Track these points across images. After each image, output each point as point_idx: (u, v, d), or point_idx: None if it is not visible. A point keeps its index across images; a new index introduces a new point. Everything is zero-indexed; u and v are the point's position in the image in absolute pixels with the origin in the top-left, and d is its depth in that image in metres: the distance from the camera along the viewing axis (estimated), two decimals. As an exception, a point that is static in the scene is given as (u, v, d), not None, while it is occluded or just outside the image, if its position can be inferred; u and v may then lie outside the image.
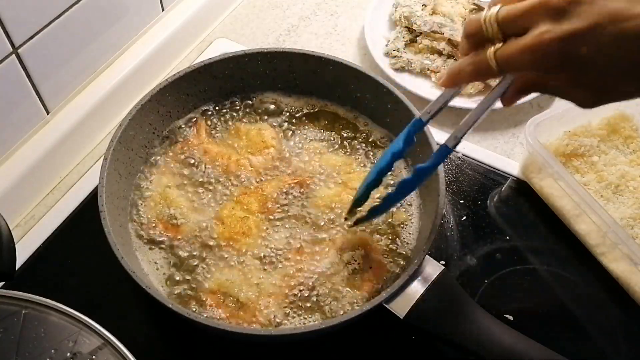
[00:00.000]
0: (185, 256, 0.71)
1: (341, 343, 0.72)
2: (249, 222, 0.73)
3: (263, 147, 0.80)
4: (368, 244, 0.72)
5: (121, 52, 0.93)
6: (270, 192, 0.75)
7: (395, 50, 1.01)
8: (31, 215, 0.84)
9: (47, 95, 0.83)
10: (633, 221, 0.80)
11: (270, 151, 0.80)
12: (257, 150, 0.79)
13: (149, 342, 0.73)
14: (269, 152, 0.79)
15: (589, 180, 0.84)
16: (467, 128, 0.58)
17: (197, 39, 1.07)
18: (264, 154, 0.79)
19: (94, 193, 0.79)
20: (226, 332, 0.61)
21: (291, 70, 0.83)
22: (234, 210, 0.74)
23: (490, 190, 0.88)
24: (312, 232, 0.73)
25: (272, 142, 0.80)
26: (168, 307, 0.61)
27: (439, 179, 0.70)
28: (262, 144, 0.80)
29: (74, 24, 0.81)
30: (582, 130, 0.88)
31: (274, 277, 0.69)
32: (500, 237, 0.83)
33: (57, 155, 0.85)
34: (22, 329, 0.53)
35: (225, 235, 0.72)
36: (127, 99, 0.92)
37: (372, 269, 0.70)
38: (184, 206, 0.74)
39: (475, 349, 0.63)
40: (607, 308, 0.78)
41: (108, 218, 0.66)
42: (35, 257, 0.78)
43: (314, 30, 1.10)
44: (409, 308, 0.64)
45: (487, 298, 0.76)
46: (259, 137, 0.81)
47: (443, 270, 0.67)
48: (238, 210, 0.74)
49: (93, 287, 0.76)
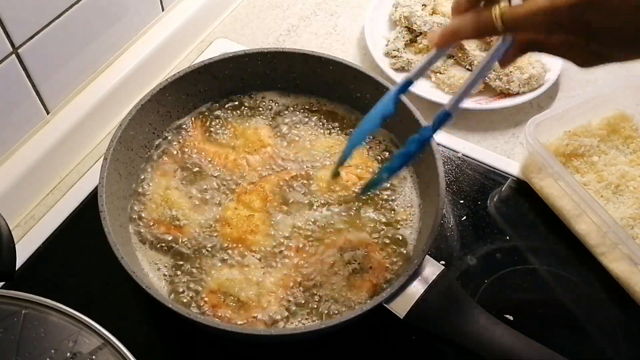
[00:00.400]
0: (185, 256, 0.71)
1: (341, 343, 0.72)
2: (254, 219, 0.73)
3: (260, 146, 0.80)
4: (368, 244, 0.72)
5: (121, 52, 0.93)
6: (270, 188, 0.75)
7: (395, 50, 1.01)
8: (31, 215, 0.84)
9: (47, 95, 0.83)
10: (633, 221, 0.80)
11: (267, 150, 0.80)
12: (254, 149, 0.80)
13: (149, 342, 0.73)
14: (266, 151, 0.80)
15: (589, 180, 0.84)
16: (465, 93, 0.58)
17: (197, 39, 1.07)
18: (261, 152, 0.79)
19: (94, 193, 0.79)
20: (226, 332, 0.61)
21: (291, 70, 0.83)
22: (238, 210, 0.74)
23: (490, 190, 0.88)
24: (318, 218, 0.74)
25: (268, 141, 0.80)
26: (168, 307, 0.61)
27: (439, 179, 0.70)
28: (258, 143, 0.80)
29: (74, 24, 0.81)
30: (582, 130, 0.88)
31: (274, 276, 0.69)
32: (500, 237, 0.83)
33: (57, 155, 0.85)
34: (22, 329, 0.53)
35: (233, 235, 0.72)
36: (127, 99, 0.92)
37: (372, 269, 0.70)
38: (185, 207, 0.74)
39: (475, 349, 0.63)
40: (607, 308, 0.78)
41: (108, 218, 0.66)
42: (35, 257, 0.78)
43: (314, 30, 1.10)
44: (409, 308, 0.64)
45: (487, 298, 0.76)
46: (255, 136, 0.81)
47: (443, 270, 0.67)
48: (242, 209, 0.74)
49: (93, 287, 0.76)
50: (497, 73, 0.96)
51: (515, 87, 0.95)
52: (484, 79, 0.57)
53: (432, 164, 0.72)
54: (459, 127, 0.96)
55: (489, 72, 0.57)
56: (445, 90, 0.97)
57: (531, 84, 0.96)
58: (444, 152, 0.91)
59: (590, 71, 1.05)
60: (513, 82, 0.95)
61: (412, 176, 0.79)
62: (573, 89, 1.03)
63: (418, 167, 0.78)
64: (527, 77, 0.95)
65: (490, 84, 0.96)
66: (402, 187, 0.78)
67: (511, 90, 0.96)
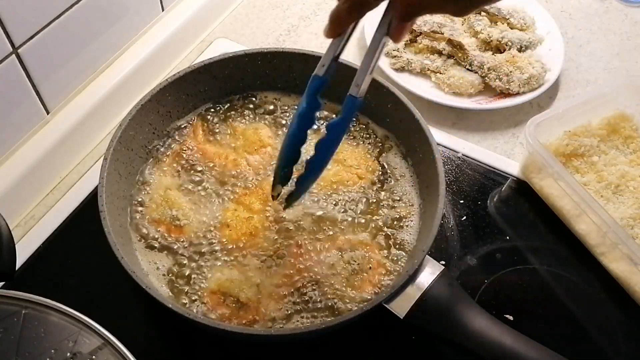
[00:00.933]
0: (185, 256, 0.71)
1: (341, 343, 0.72)
2: (254, 221, 0.73)
3: (260, 147, 0.80)
4: (368, 244, 0.72)
5: (121, 52, 0.93)
6: (270, 189, 0.75)
7: (395, 50, 1.01)
8: (31, 215, 0.84)
9: (47, 95, 0.83)
10: (633, 221, 0.80)
11: (267, 150, 0.80)
12: (253, 149, 0.80)
13: (149, 342, 0.73)
14: (266, 151, 0.79)
15: (589, 180, 0.84)
16: (365, 74, 0.58)
17: (197, 39, 1.07)
18: (261, 153, 0.79)
19: (94, 193, 0.79)
20: (226, 332, 0.61)
21: (291, 70, 0.83)
22: (237, 212, 0.74)
23: (490, 190, 0.88)
24: (318, 218, 0.74)
25: (268, 141, 0.80)
26: (168, 307, 0.61)
27: (439, 179, 0.70)
28: (258, 143, 0.80)
29: (74, 24, 0.81)
30: (582, 130, 0.88)
31: (274, 277, 0.69)
32: (500, 237, 0.83)
33: (57, 155, 0.85)
34: (22, 329, 0.53)
35: (232, 237, 0.72)
36: (127, 99, 0.92)
37: (372, 269, 0.70)
38: (185, 207, 0.74)
39: (475, 349, 0.63)
40: (607, 308, 0.78)
41: (108, 218, 0.66)
42: (35, 257, 0.78)
43: (314, 30, 1.10)
44: (409, 308, 0.64)
45: (487, 298, 0.76)
46: (255, 136, 0.81)
47: (443, 270, 0.67)
48: (241, 211, 0.74)
49: (93, 287, 0.76)
50: (497, 73, 0.96)
51: (515, 87, 0.95)
52: (379, 56, 0.58)
53: (432, 164, 0.72)
54: (459, 127, 0.96)
55: (383, 49, 0.58)
56: (445, 91, 0.97)
57: (531, 84, 0.96)
58: (444, 152, 0.91)
59: (590, 71, 1.06)
60: (513, 82, 0.95)
61: (412, 176, 0.79)
62: (573, 89, 1.03)
63: (418, 167, 0.78)
64: (527, 77, 0.95)
65: (490, 84, 0.97)
66: (402, 187, 0.78)
67: (511, 90, 0.96)
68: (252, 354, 0.72)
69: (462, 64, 0.99)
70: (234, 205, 0.75)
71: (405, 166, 0.80)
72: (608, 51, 1.10)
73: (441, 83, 0.98)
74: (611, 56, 1.09)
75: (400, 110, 0.78)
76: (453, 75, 0.97)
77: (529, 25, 1.04)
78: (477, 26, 1.02)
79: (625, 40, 1.12)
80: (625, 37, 1.13)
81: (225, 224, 0.73)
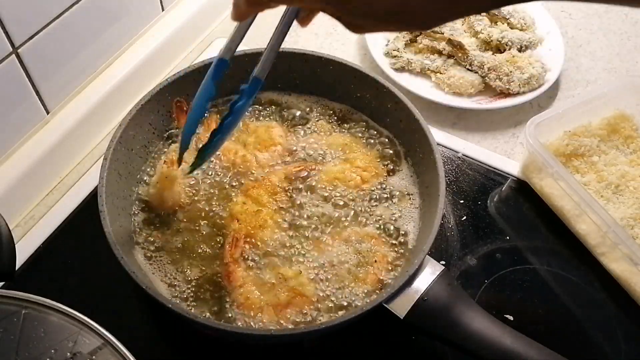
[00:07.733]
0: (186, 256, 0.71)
1: (341, 343, 0.72)
2: (262, 214, 0.73)
3: (270, 145, 0.80)
4: (374, 237, 0.72)
5: (121, 52, 0.93)
6: (277, 181, 0.75)
7: (395, 50, 1.01)
8: (31, 215, 0.84)
9: (47, 95, 0.83)
10: (633, 221, 0.80)
11: (277, 148, 0.80)
12: (264, 147, 0.79)
13: (149, 342, 0.73)
14: (276, 149, 0.80)
15: (589, 180, 0.84)
16: (271, 61, 0.64)
17: (197, 39, 1.07)
18: (271, 150, 0.79)
19: (94, 193, 0.79)
20: (226, 332, 0.61)
21: (291, 70, 0.83)
22: (246, 205, 0.73)
23: (490, 190, 0.88)
24: (325, 211, 0.74)
25: (279, 140, 0.80)
26: (168, 307, 0.61)
27: (439, 179, 0.70)
28: (270, 141, 0.80)
29: (74, 24, 0.81)
30: (582, 130, 0.88)
31: (279, 271, 0.69)
32: (500, 237, 0.83)
33: (57, 155, 0.85)
34: (22, 329, 0.53)
35: (242, 231, 0.71)
36: (127, 99, 0.92)
37: (376, 262, 0.70)
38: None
39: (476, 349, 0.63)
40: (607, 308, 0.78)
41: (108, 218, 0.65)
42: (35, 257, 0.78)
43: (314, 30, 1.10)
44: (409, 308, 0.64)
45: (487, 298, 0.76)
46: (267, 134, 0.81)
47: (443, 270, 0.67)
48: (250, 204, 0.73)
49: (93, 287, 0.76)
50: (497, 73, 0.96)
51: (515, 87, 0.95)
52: (283, 38, 0.61)
53: (432, 164, 0.72)
54: (459, 127, 0.96)
55: (286, 31, 0.61)
56: (445, 90, 0.97)
57: (531, 84, 0.96)
58: (444, 152, 0.91)
59: (590, 71, 1.06)
60: (513, 82, 0.95)
61: (412, 176, 0.79)
62: (573, 89, 1.03)
63: (418, 167, 0.78)
64: (527, 77, 0.95)
65: (491, 84, 0.97)
66: (402, 187, 0.78)
67: (511, 90, 0.96)
68: (252, 353, 0.72)
69: (462, 64, 0.99)
70: (243, 198, 0.74)
71: (406, 166, 0.80)
72: (608, 51, 1.10)
73: (441, 83, 0.98)
74: (611, 56, 1.09)
75: (400, 110, 0.78)
76: (453, 75, 0.97)
77: (529, 25, 1.04)
78: (477, 26, 1.02)
79: (625, 40, 1.12)
80: (625, 37, 1.13)
81: (234, 218, 0.72)
